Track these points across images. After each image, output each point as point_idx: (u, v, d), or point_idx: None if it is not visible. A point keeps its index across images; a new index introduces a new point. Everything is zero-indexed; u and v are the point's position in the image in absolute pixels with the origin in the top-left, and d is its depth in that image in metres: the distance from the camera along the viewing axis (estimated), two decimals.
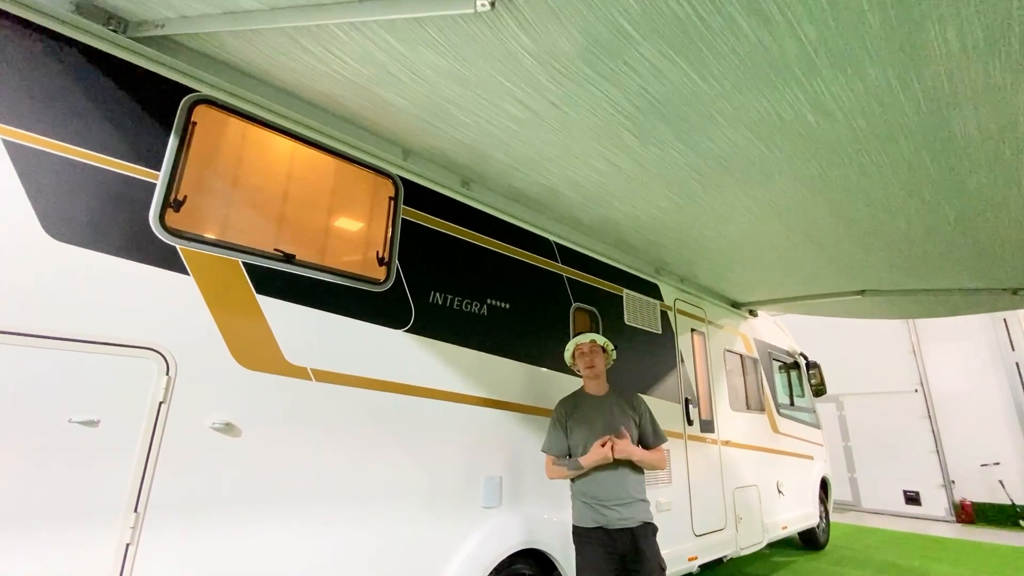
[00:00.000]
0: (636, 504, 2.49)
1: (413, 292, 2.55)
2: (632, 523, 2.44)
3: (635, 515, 2.46)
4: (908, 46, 1.61)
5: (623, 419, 2.60)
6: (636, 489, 2.51)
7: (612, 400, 2.70)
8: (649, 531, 2.47)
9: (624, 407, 2.67)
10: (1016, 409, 8.90)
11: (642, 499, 2.53)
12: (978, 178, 2.44)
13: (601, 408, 2.66)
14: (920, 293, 4.21)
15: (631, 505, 2.47)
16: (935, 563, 6.05)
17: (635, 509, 2.47)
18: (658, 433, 2.68)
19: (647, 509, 2.53)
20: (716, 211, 3.03)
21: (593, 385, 2.77)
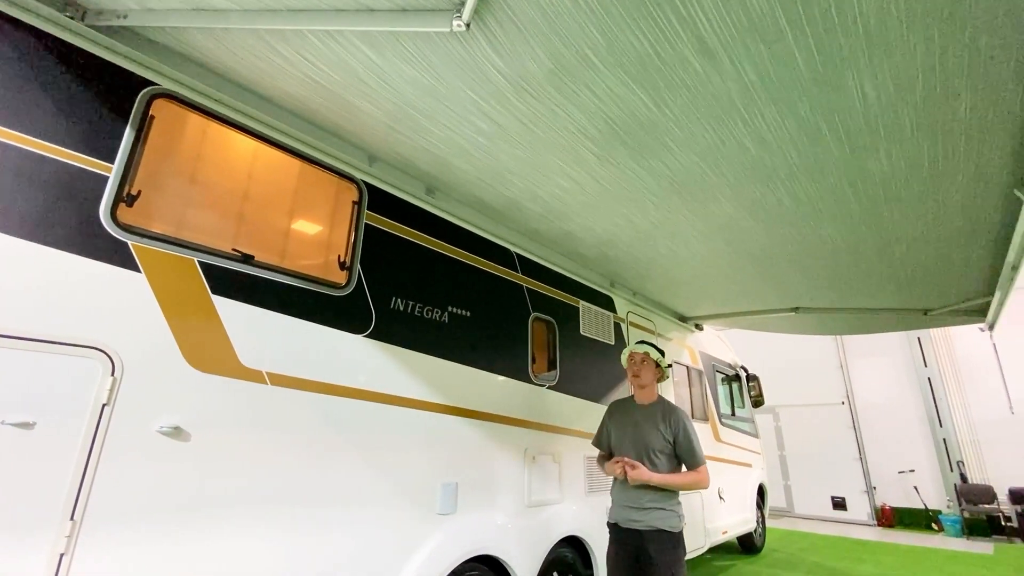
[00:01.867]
0: (651, 512, 2.51)
1: (374, 297, 2.55)
2: (641, 527, 2.50)
3: (646, 520, 2.50)
4: (831, 90, 1.83)
5: (651, 432, 2.60)
6: (652, 499, 2.53)
7: (649, 413, 2.68)
8: (664, 538, 2.47)
9: (657, 422, 2.62)
10: (928, 420, 9.77)
11: (659, 508, 2.51)
12: (891, 210, 2.74)
13: (636, 418, 2.70)
14: (846, 311, 4.61)
15: (644, 511, 2.52)
16: (858, 564, 6.51)
17: (648, 516, 2.50)
18: (694, 454, 2.56)
19: (665, 518, 2.50)
20: (667, 230, 3.22)
21: (640, 394, 2.79)
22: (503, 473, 3.04)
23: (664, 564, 2.42)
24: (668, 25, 1.53)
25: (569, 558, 3.38)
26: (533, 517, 3.15)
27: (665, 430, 2.60)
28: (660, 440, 2.58)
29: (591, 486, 3.72)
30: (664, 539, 2.47)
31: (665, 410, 2.67)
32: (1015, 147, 1.99)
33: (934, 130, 1.94)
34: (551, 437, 3.48)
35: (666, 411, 2.66)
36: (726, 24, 1.51)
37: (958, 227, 2.80)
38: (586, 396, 3.91)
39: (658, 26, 1.54)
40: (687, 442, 2.57)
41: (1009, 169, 2.13)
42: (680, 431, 2.58)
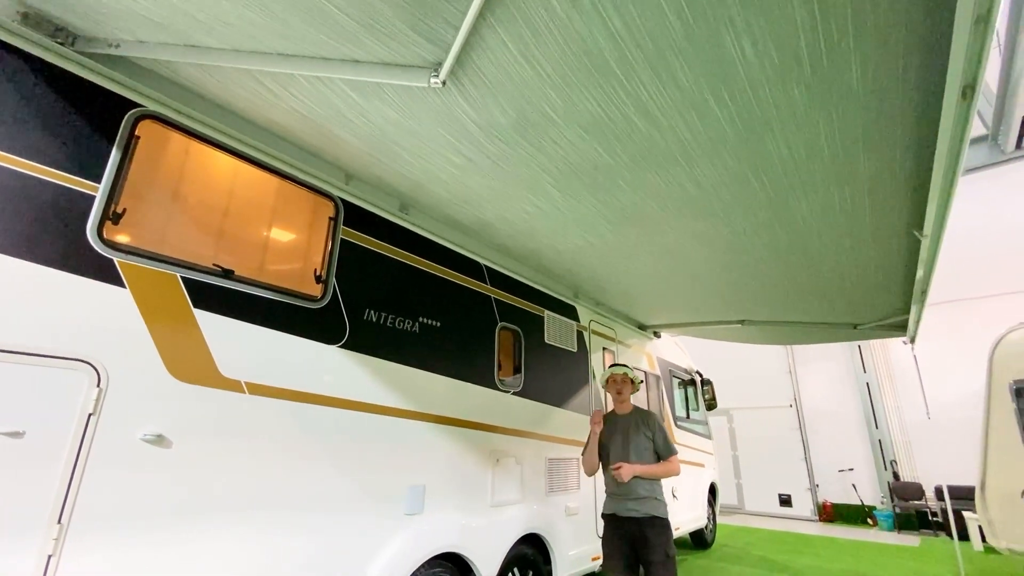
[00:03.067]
0: (646, 501, 3.01)
1: (348, 309, 2.68)
2: (639, 514, 2.99)
3: (643, 509, 2.99)
4: (755, 146, 2.13)
5: (636, 435, 3.15)
6: (646, 490, 3.03)
7: (632, 419, 3.24)
8: (657, 523, 2.98)
9: (640, 426, 3.18)
10: (866, 422, 10.51)
11: (653, 498, 3.04)
12: (816, 243, 3.10)
13: (623, 425, 3.23)
14: (786, 324, 5.01)
15: (640, 501, 3.01)
16: (799, 556, 7.00)
17: (644, 504, 3.00)
18: (668, 447, 3.13)
19: (658, 506, 3.03)
20: (623, 251, 3.49)
21: (620, 407, 3.35)
22: (469, 475, 3.22)
23: (659, 543, 2.93)
24: (615, 93, 1.78)
25: (529, 554, 3.58)
26: (496, 516, 3.34)
27: (646, 431, 3.16)
28: (644, 440, 3.13)
29: (551, 486, 3.94)
30: (657, 523, 2.99)
31: (643, 416, 3.26)
32: (912, 197, 2.34)
33: (841, 183, 2.27)
34: (515, 440, 3.68)
35: (643, 416, 3.25)
36: (663, 94, 1.78)
37: (873, 257, 3.19)
38: (549, 401, 4.14)
39: (606, 94, 1.80)
40: (662, 438, 3.16)
41: (908, 211, 2.48)
42: (656, 430, 3.18)
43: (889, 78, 1.59)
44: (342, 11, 1.46)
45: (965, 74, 1.35)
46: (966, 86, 1.39)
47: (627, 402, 3.33)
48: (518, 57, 1.59)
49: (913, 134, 1.90)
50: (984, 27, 1.19)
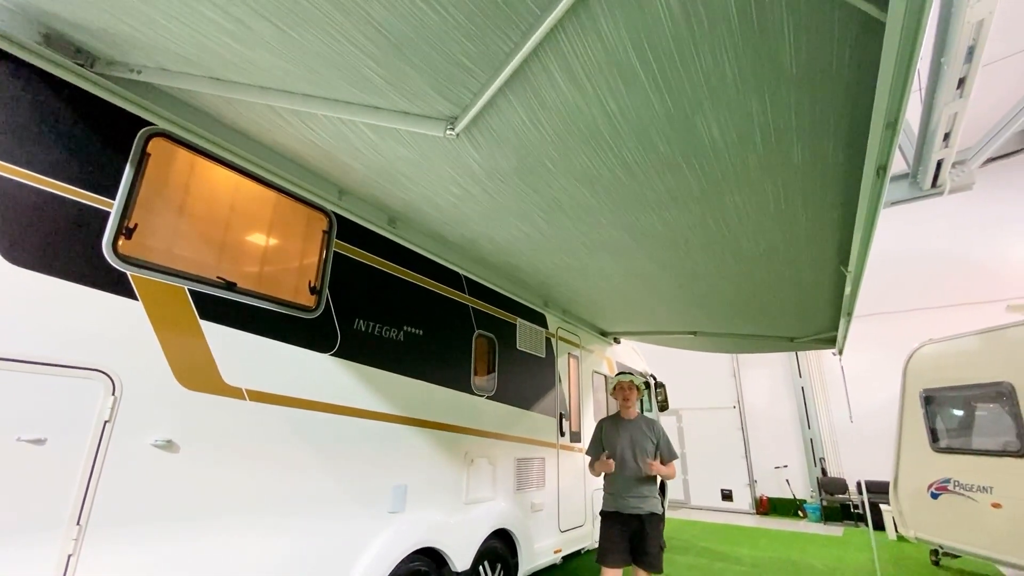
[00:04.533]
0: (648, 499, 3.34)
1: (340, 319, 2.83)
2: (641, 512, 3.31)
3: (644, 506, 3.32)
4: (713, 202, 2.48)
5: (643, 440, 3.45)
6: (648, 490, 3.37)
7: (637, 425, 3.54)
8: (655, 519, 3.32)
9: (645, 431, 3.49)
10: (800, 422, 11.43)
11: (653, 496, 3.37)
12: (759, 274, 3.53)
13: (628, 430, 3.53)
14: (732, 336, 5.52)
15: (644, 499, 3.34)
16: (739, 546, 7.60)
17: (645, 503, 3.33)
18: (672, 452, 3.50)
19: (657, 504, 3.36)
20: (598, 273, 3.82)
21: (626, 412, 3.62)
22: (446, 475, 3.43)
23: (655, 535, 3.30)
24: (603, 152, 2.07)
25: (499, 548, 3.83)
26: (469, 513, 3.57)
27: (652, 435, 3.50)
28: (650, 444, 3.46)
29: (519, 484, 4.21)
30: (656, 519, 3.35)
31: (648, 422, 3.58)
32: (837, 241, 2.78)
33: (783, 226, 2.68)
34: (488, 442, 3.92)
35: (649, 423, 3.58)
36: (641, 156, 2.08)
37: (807, 286, 3.67)
38: (519, 405, 4.39)
39: (596, 153, 2.09)
40: (667, 444, 3.52)
41: (836, 249, 2.91)
42: (661, 436, 3.52)
43: (822, 158, 1.96)
44: (374, 72, 1.64)
45: (879, 160, 1.70)
46: (879, 168, 1.74)
47: (632, 408, 3.62)
48: (526, 120, 1.83)
49: (841, 195, 2.29)
50: (892, 131, 1.52)
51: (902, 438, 5.77)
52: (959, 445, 5.21)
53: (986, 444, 4.94)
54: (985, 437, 5.00)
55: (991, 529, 4.56)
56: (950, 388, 5.36)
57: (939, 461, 5.28)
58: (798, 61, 1.50)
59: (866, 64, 1.44)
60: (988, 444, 4.92)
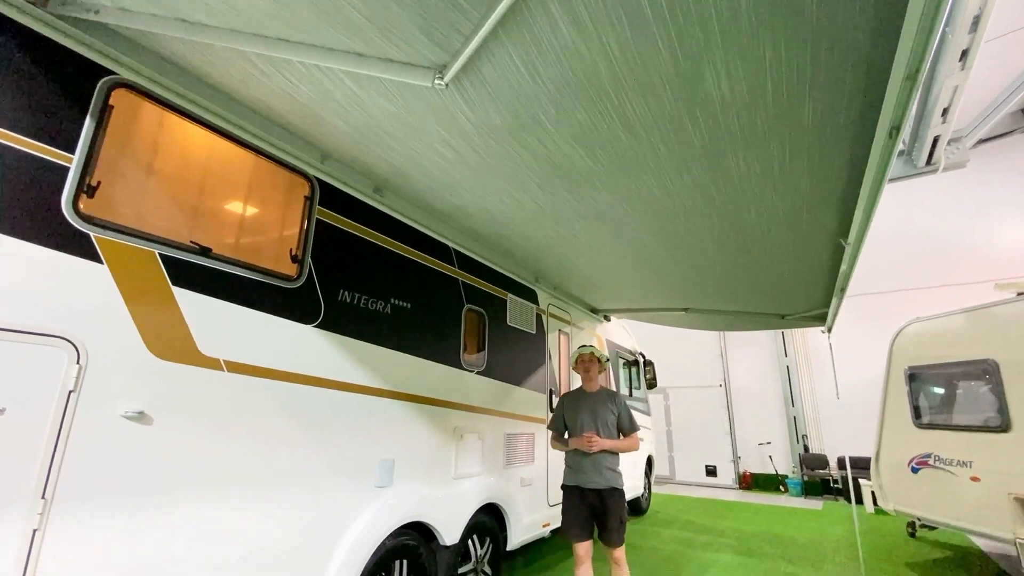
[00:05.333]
0: (606, 473, 3.29)
1: (323, 290, 2.72)
2: (600, 486, 3.27)
3: (604, 481, 3.27)
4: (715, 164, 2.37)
5: (603, 411, 3.40)
6: (608, 463, 3.32)
7: (599, 397, 3.49)
8: (616, 494, 3.28)
9: (607, 403, 3.44)
10: (784, 401, 11.62)
11: (613, 470, 3.32)
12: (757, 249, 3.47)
13: (590, 402, 3.49)
14: (723, 313, 5.50)
15: (603, 473, 3.29)
16: (721, 520, 7.76)
17: (604, 477, 3.29)
18: (632, 424, 3.42)
19: (617, 479, 3.32)
20: (591, 245, 3.71)
21: (587, 385, 3.57)
22: (435, 450, 3.37)
23: (615, 511, 3.26)
24: (603, 107, 1.93)
25: (487, 522, 3.82)
26: (459, 487, 3.53)
27: (613, 408, 3.43)
28: (611, 416, 3.40)
29: (508, 460, 4.18)
30: (616, 494, 3.30)
31: (609, 394, 3.53)
32: (841, 209, 2.69)
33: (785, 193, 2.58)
34: (477, 417, 3.86)
35: (610, 395, 3.53)
36: (644, 111, 1.95)
37: (804, 261, 3.61)
38: (509, 380, 4.34)
39: (596, 107, 1.95)
40: (626, 415, 3.44)
41: (838, 222, 2.85)
42: (622, 408, 3.45)
43: (832, 115, 1.85)
44: (356, 9, 1.50)
45: (894, 119, 1.61)
46: (893, 128, 1.66)
47: (594, 380, 3.57)
48: (521, 68, 1.70)
49: (848, 157, 2.20)
50: (911, 83, 1.43)
51: (885, 415, 5.85)
52: (941, 421, 5.29)
53: (967, 420, 5.02)
54: (967, 413, 5.08)
55: (969, 502, 4.67)
56: (935, 366, 5.42)
57: (921, 437, 5.37)
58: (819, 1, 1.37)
59: (894, 5, 1.32)
60: (969, 420, 5.00)
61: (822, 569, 5.20)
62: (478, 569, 3.70)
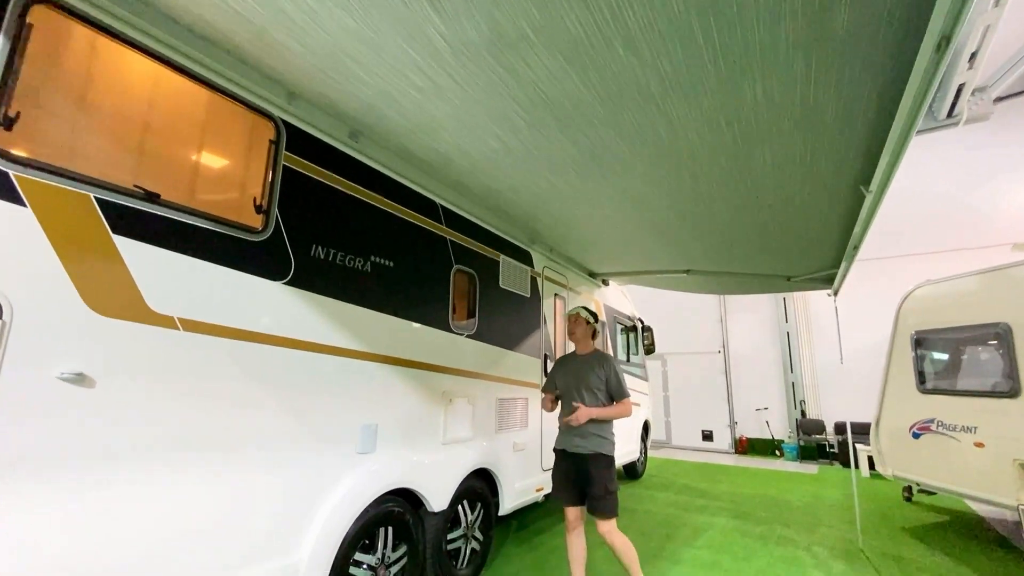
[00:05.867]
0: (591, 438, 3.15)
1: (293, 244, 2.49)
2: (584, 451, 3.14)
3: (588, 446, 3.13)
4: (729, 91, 2.09)
5: (590, 375, 3.24)
6: (593, 428, 3.16)
7: (588, 361, 3.31)
8: (601, 460, 3.12)
9: (595, 367, 3.25)
10: (783, 367, 11.56)
11: (599, 436, 3.15)
12: (769, 196, 3.20)
13: (577, 366, 3.33)
14: (727, 275, 5.27)
15: (586, 438, 3.15)
16: (718, 483, 7.78)
17: (589, 442, 3.14)
18: (621, 390, 3.23)
19: (603, 444, 3.15)
20: (586, 196, 3.44)
21: (578, 347, 3.42)
22: (422, 415, 3.23)
23: (600, 479, 3.09)
24: (600, 14, 1.64)
25: (478, 487, 3.72)
26: (448, 453, 3.41)
27: (600, 372, 3.23)
28: (597, 380, 3.22)
29: (500, 425, 4.06)
30: (601, 460, 3.13)
31: (599, 358, 3.33)
32: (863, 154, 2.43)
33: (806, 131, 2.30)
34: (468, 382, 3.71)
35: (600, 358, 3.32)
36: (649, 21, 1.66)
37: (817, 212, 3.34)
38: (502, 345, 4.17)
39: (591, 14, 1.65)
40: (615, 380, 3.24)
41: (859, 167, 2.59)
42: (611, 373, 3.25)
43: (871, 24, 1.57)
44: None
45: (944, 27, 1.35)
46: (943, 38, 1.40)
47: (583, 342, 3.40)
48: None
49: (881, 80, 1.92)
50: None
51: (888, 380, 5.73)
52: (946, 386, 5.16)
53: (974, 385, 4.89)
54: (974, 378, 4.95)
55: (971, 468, 4.58)
56: (943, 330, 5.25)
57: (924, 402, 5.25)
58: None
59: None
60: (976, 385, 4.87)
61: (817, 532, 5.18)
62: (468, 535, 3.62)
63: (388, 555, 2.89)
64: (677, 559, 4.20)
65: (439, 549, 3.27)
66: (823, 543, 4.79)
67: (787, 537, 4.97)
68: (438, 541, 3.26)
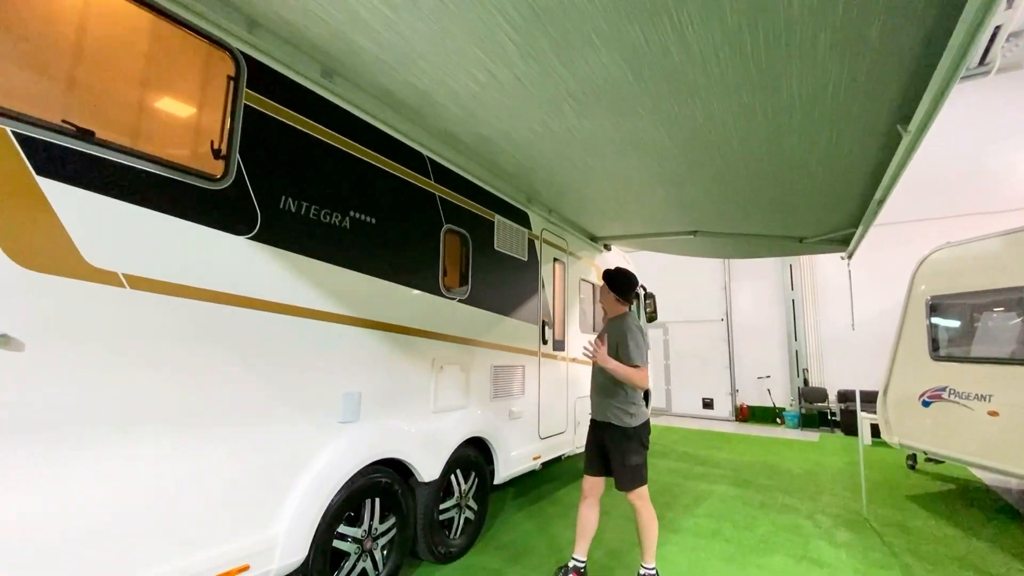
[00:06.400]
0: (604, 404, 3.05)
1: (259, 195, 2.24)
2: (600, 418, 3.07)
3: (603, 414, 3.04)
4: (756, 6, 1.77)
5: (608, 339, 3.10)
6: (607, 393, 3.04)
7: (611, 324, 3.19)
8: (616, 432, 2.98)
9: (611, 331, 3.12)
10: (787, 336, 11.39)
11: (613, 403, 3.01)
12: (792, 139, 2.89)
13: (606, 328, 3.22)
14: (736, 236, 5.00)
15: (600, 404, 3.08)
16: (719, 451, 7.72)
17: (603, 408, 3.06)
18: (627, 352, 2.95)
19: (616, 414, 2.99)
20: (586, 142, 3.14)
21: (608, 315, 3.28)
22: (410, 382, 3.04)
23: (617, 452, 2.97)
24: None
25: (472, 456, 3.58)
26: (438, 422, 3.24)
27: (615, 335, 3.07)
28: (612, 343, 3.07)
29: (495, 392, 3.89)
30: (615, 432, 2.99)
31: (617, 320, 3.17)
32: (904, 87, 2.13)
33: (844, 54, 1.98)
34: (460, 348, 3.51)
35: (617, 321, 3.16)
36: None
37: (843, 160, 3.03)
38: (497, 310, 3.96)
39: None
40: (624, 345, 3.01)
41: (897, 104, 2.29)
42: (622, 337, 3.02)
43: None
44: None
45: None
46: None
47: (611, 309, 3.24)
48: None
49: None
50: None
51: (899, 346, 5.53)
52: (961, 353, 4.97)
53: (991, 352, 4.69)
54: (991, 345, 4.74)
55: (984, 436, 4.43)
56: (960, 295, 5.01)
57: (936, 369, 5.07)
58: None
59: None
60: (993, 352, 4.67)
61: (820, 500, 5.09)
62: (462, 504, 3.50)
63: (375, 527, 2.76)
64: (677, 528, 4.11)
65: (431, 519, 3.15)
66: (826, 511, 4.70)
67: (789, 505, 4.88)
68: (430, 511, 3.14)
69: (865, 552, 3.73)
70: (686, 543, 3.79)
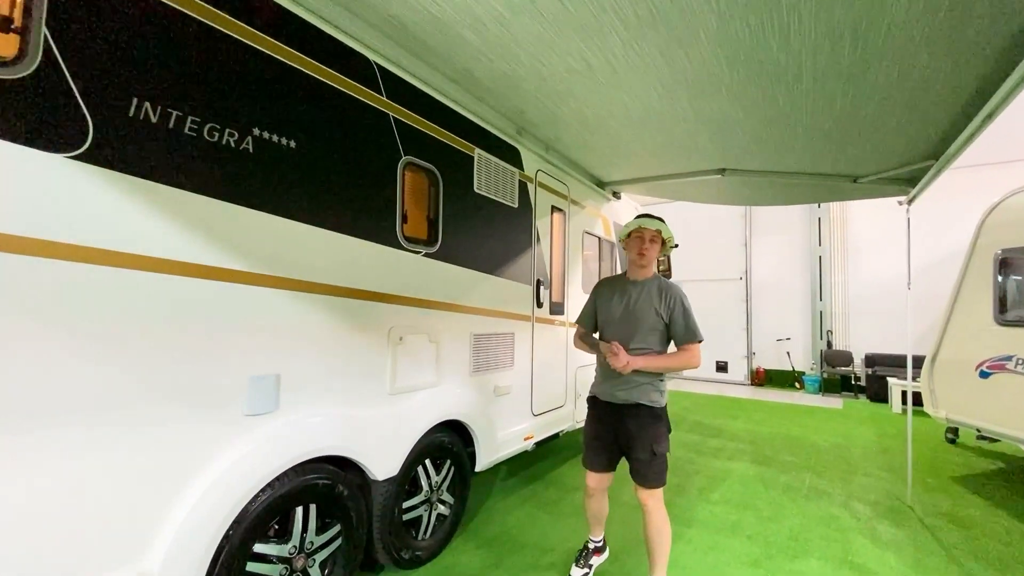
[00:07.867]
0: (630, 382, 2.44)
1: (88, 93, 1.50)
2: (620, 401, 2.47)
3: (629, 396, 2.44)
4: None
5: (646, 310, 2.46)
6: (641, 375, 2.44)
7: (644, 288, 2.51)
8: (643, 413, 2.42)
9: (652, 298, 2.47)
10: (811, 295, 10.57)
11: (648, 383, 2.45)
12: (876, 69, 2.06)
13: (629, 294, 2.53)
14: (772, 175, 4.15)
15: (622, 383, 2.46)
16: (733, 420, 7.13)
17: (628, 388, 2.45)
18: (691, 332, 2.44)
19: (647, 392, 2.44)
20: (593, 52, 2.31)
21: (637, 271, 2.58)
22: (355, 358, 2.38)
23: (645, 436, 2.40)
24: None
25: (446, 441, 2.98)
26: (398, 405, 2.61)
27: (662, 307, 2.46)
28: (654, 317, 2.45)
29: (476, 366, 3.24)
30: (644, 413, 2.43)
31: (661, 286, 2.50)
32: None
33: None
34: (428, 314, 2.84)
35: (662, 288, 2.50)
36: None
37: (935, 66, 2.17)
38: (477, 267, 3.25)
39: None
40: (683, 320, 2.44)
41: None
42: (677, 306, 2.45)
43: None
44: None
45: None
46: None
47: (648, 268, 2.58)
48: None
49: None
50: None
51: (955, 308, 4.76)
52: None
53: None
54: None
55: None
56: None
57: (1002, 335, 4.31)
58: None
59: None
60: None
61: (854, 482, 4.48)
62: (433, 500, 2.92)
63: (310, 540, 2.18)
64: (690, 519, 3.53)
65: (390, 521, 2.58)
66: (863, 497, 4.09)
67: (819, 489, 4.28)
68: (389, 512, 2.56)
69: (916, 555, 3.12)
70: (702, 541, 3.21)
